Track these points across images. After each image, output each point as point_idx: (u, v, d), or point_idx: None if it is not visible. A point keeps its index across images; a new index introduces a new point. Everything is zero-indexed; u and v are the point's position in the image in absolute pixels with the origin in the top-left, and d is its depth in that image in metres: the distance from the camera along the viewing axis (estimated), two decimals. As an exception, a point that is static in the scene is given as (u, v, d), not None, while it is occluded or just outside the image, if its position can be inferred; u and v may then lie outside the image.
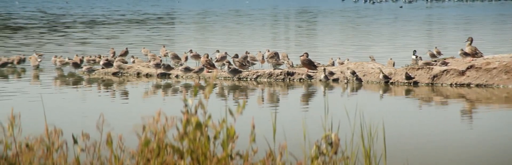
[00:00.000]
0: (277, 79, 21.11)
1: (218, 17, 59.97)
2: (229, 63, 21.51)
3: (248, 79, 21.19)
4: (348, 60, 22.66)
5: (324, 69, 20.75)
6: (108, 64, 22.65)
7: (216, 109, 6.05)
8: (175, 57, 23.88)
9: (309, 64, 21.19)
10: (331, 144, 5.71)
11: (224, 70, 21.45)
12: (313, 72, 21.08)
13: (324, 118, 6.58)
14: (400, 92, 18.91)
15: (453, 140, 12.33)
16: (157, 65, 21.96)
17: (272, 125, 5.94)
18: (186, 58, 23.87)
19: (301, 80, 20.98)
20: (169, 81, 21.15)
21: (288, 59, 22.44)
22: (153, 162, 5.40)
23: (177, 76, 21.81)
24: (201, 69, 21.41)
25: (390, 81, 20.22)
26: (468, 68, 19.84)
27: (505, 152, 11.59)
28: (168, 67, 21.97)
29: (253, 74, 21.30)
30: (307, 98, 18.24)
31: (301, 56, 21.37)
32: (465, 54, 20.65)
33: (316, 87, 19.86)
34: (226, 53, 22.66)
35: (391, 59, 22.48)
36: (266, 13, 69.25)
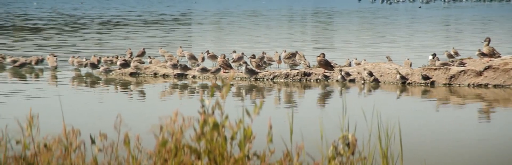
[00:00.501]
0: (293, 79, 21.10)
1: (234, 18, 60.03)
2: (246, 63, 21.53)
3: (264, 80, 21.19)
4: (365, 60, 22.62)
5: (341, 70, 20.71)
6: (125, 65, 22.72)
7: (233, 110, 6.05)
8: (192, 57, 23.92)
9: (325, 64, 21.16)
10: (348, 145, 5.70)
11: (241, 70, 21.46)
12: (330, 73, 21.05)
13: (341, 118, 6.58)
14: (417, 93, 18.85)
15: (471, 141, 12.28)
16: (174, 66, 22.00)
17: (289, 126, 5.94)
18: (203, 59, 23.90)
19: (318, 81, 20.96)
20: (186, 82, 21.19)
21: (305, 60, 22.44)
22: (170, 163, 5.42)
23: (194, 77, 21.85)
24: (218, 70, 21.44)
25: (407, 81, 20.16)
26: (485, 69, 19.75)
27: (523, 153, 11.53)
28: (185, 68, 22.00)
29: (270, 75, 21.30)
30: (323, 98, 18.22)
31: (317, 56, 21.36)
32: (483, 55, 20.56)
33: (333, 88, 19.83)
34: (243, 53, 22.69)
35: (408, 59, 22.42)
36: (282, 13, 69.24)
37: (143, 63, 23.22)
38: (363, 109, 8.17)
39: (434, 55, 22.35)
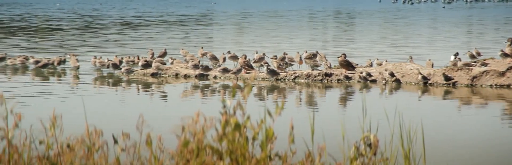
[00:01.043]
0: (315, 80, 21.08)
1: (255, 18, 60.04)
2: (267, 64, 21.53)
3: (286, 80, 21.19)
4: (386, 61, 22.55)
5: (361, 72, 20.67)
6: (147, 65, 22.80)
7: (255, 110, 6.06)
8: (213, 58, 23.96)
9: (347, 65, 21.12)
10: (370, 145, 5.69)
11: (262, 71, 21.47)
12: (351, 73, 21.01)
13: (363, 119, 6.57)
14: (439, 93, 18.77)
15: (493, 142, 12.21)
16: (195, 66, 22.05)
17: (311, 126, 5.94)
18: (224, 59, 23.93)
19: (339, 81, 20.93)
20: (207, 82, 21.23)
21: (326, 60, 22.41)
22: (192, 163, 5.43)
23: (215, 77, 21.88)
24: (239, 70, 21.45)
25: (429, 82, 20.08)
26: (508, 69, 19.63)
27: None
28: (206, 68, 22.04)
29: (291, 75, 21.29)
30: (345, 99, 18.19)
31: (339, 57, 21.33)
32: (505, 55, 20.44)
33: (354, 88, 19.79)
34: (264, 54, 22.69)
35: (430, 60, 22.33)
36: (302, 14, 69.17)
37: (165, 63, 23.28)
38: (385, 110, 8.15)
39: (456, 54, 22.23)
